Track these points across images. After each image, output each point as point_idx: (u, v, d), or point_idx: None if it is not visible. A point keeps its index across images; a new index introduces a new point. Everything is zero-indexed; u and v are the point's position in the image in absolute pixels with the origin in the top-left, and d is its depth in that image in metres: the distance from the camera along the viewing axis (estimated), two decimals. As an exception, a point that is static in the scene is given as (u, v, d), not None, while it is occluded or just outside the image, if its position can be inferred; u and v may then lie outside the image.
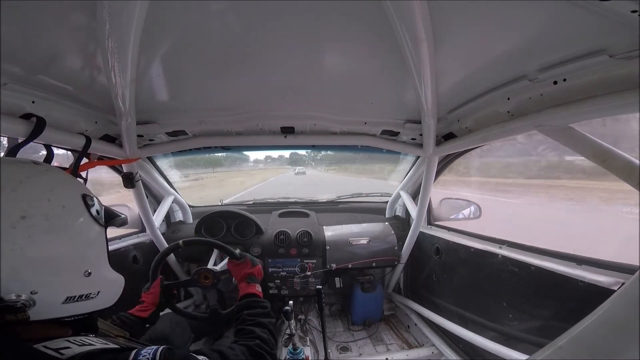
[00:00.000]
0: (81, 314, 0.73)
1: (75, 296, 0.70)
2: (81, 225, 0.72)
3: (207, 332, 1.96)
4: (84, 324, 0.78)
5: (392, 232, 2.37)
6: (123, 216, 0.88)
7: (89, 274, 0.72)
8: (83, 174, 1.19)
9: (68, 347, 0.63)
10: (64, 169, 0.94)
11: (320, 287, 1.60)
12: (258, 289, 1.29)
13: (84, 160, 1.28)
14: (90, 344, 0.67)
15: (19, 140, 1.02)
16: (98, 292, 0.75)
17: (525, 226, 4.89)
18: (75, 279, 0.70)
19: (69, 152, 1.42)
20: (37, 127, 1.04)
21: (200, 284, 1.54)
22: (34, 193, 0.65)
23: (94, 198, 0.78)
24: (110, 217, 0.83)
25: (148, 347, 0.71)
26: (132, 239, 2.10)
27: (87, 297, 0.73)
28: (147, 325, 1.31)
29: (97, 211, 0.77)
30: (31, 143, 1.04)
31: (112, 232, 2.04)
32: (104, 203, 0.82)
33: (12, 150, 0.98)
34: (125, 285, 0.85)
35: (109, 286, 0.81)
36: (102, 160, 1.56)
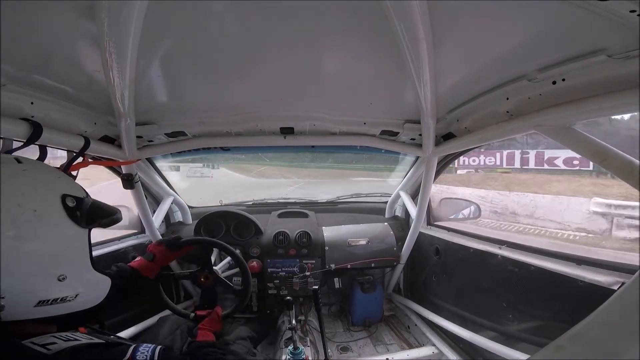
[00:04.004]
0: (58, 316, 0.72)
1: (48, 300, 0.68)
2: (55, 229, 0.70)
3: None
4: (70, 321, 0.77)
5: (392, 232, 2.37)
6: (114, 216, 0.85)
7: (64, 278, 0.70)
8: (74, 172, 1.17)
9: (54, 343, 0.64)
10: (56, 168, 0.92)
11: (317, 287, 1.60)
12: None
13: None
14: (76, 339, 0.68)
15: (13, 146, 1.02)
16: (76, 295, 0.74)
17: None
18: (47, 283, 0.68)
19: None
20: (34, 133, 1.03)
21: (200, 284, 1.55)
22: (2, 197, 0.63)
23: (76, 198, 0.75)
24: (99, 217, 0.80)
25: (145, 345, 0.72)
26: (132, 240, 2.09)
27: (63, 300, 0.71)
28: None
29: (78, 213, 0.74)
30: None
31: (112, 232, 2.05)
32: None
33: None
34: None
35: (90, 288, 0.79)
36: (98, 160, 1.56)
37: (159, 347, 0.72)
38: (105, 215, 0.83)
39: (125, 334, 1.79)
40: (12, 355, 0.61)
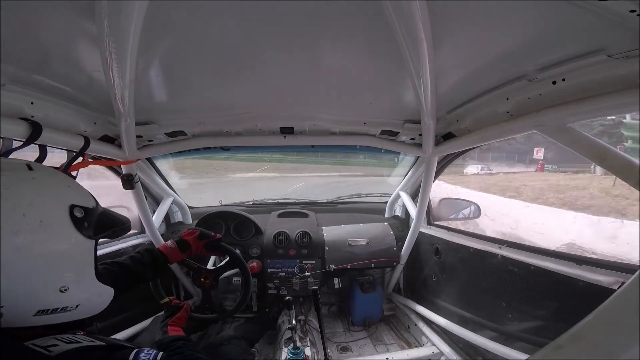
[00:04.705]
0: (57, 324, 0.72)
1: (48, 310, 0.68)
2: (60, 241, 0.69)
3: (194, 330, 1.97)
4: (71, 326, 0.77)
5: (392, 232, 2.37)
6: (123, 226, 0.85)
7: (66, 289, 0.69)
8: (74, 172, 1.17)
9: (56, 345, 0.64)
10: (55, 168, 0.92)
11: (317, 287, 1.60)
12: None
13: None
14: (77, 342, 0.68)
15: (13, 146, 1.01)
16: (77, 306, 0.73)
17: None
18: (48, 294, 0.68)
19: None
20: (34, 133, 1.03)
21: (200, 284, 1.55)
22: (8, 206, 0.62)
23: (84, 209, 0.74)
24: (107, 227, 0.80)
25: (147, 351, 0.72)
26: (132, 240, 2.09)
27: (64, 310, 0.70)
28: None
29: (86, 224, 0.73)
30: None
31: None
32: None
33: (5, 155, 0.97)
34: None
35: (92, 299, 0.78)
36: (98, 160, 1.56)
37: (161, 352, 0.73)
38: (114, 226, 0.83)
39: (123, 335, 1.79)
40: (13, 356, 0.61)
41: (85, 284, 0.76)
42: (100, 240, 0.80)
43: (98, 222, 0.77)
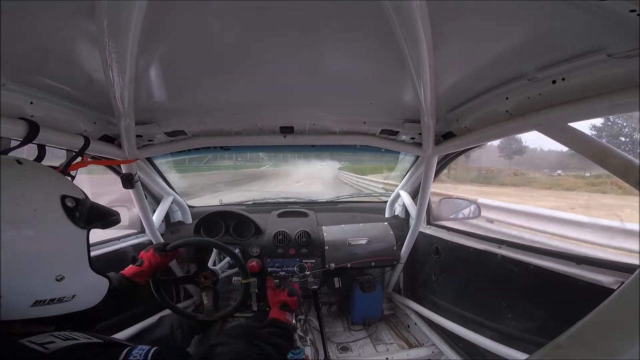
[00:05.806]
0: (54, 316, 0.72)
1: (45, 300, 0.68)
2: (54, 230, 0.71)
3: (197, 330, 1.98)
4: (68, 321, 0.77)
5: (391, 232, 2.37)
6: (113, 217, 0.86)
7: (62, 278, 0.70)
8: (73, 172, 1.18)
9: (52, 342, 0.64)
10: (54, 167, 0.93)
11: (317, 287, 1.60)
12: (288, 317, 1.33)
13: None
14: (74, 339, 0.68)
15: (11, 145, 1.02)
16: (73, 296, 0.74)
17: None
18: (44, 283, 0.69)
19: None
20: (31, 132, 1.03)
21: (200, 284, 1.55)
22: (1, 197, 0.64)
23: (75, 199, 0.75)
24: (97, 218, 0.81)
25: (140, 347, 0.72)
26: (131, 240, 2.09)
27: (60, 300, 0.71)
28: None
29: (77, 214, 0.75)
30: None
31: (111, 232, 2.05)
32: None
33: (3, 154, 0.98)
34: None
35: (88, 289, 0.80)
36: (98, 159, 1.56)
37: (153, 348, 0.73)
38: (104, 217, 0.84)
39: (124, 334, 1.79)
40: (9, 354, 0.61)
41: (80, 274, 0.77)
42: (100, 239, 0.81)
43: (89, 213, 0.78)
